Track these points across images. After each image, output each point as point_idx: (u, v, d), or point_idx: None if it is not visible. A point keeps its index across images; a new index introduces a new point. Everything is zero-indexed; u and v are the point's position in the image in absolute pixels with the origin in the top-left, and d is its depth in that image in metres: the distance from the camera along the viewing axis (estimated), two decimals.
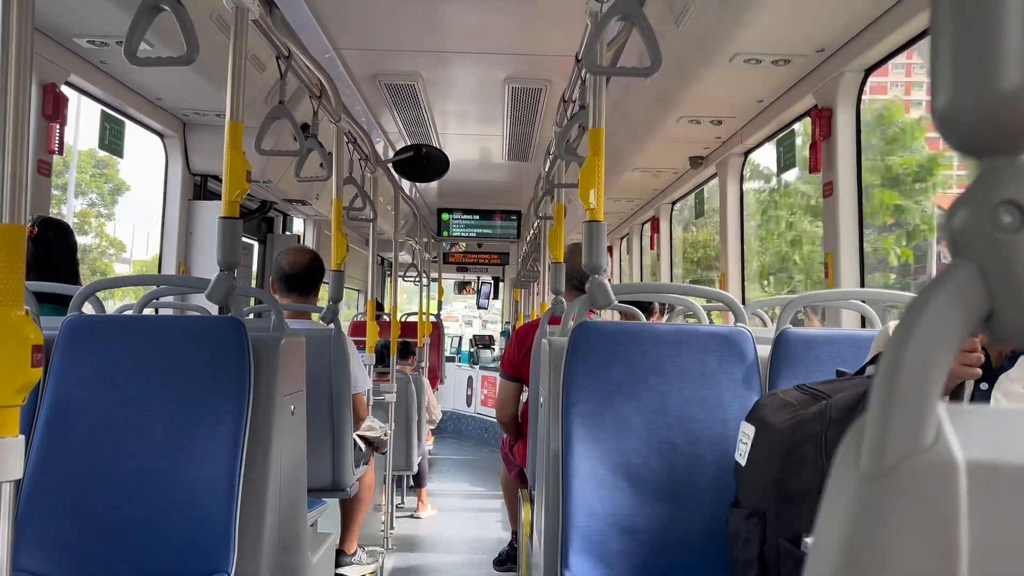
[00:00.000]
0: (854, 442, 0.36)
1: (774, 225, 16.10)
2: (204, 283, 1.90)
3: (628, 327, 1.97)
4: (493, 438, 8.45)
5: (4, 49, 1.05)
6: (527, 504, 3.01)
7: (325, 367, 2.80)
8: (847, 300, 2.41)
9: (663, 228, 5.91)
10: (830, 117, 2.86)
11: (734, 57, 2.84)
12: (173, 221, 4.01)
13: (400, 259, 6.16)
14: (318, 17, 3.30)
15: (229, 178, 1.84)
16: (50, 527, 1.72)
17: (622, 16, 1.77)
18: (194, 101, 3.62)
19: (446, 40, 3.61)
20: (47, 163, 2.80)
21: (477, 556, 4.39)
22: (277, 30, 2.22)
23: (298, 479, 2.09)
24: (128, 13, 2.49)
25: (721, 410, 1.79)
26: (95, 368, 1.83)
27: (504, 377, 3.31)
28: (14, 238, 1.04)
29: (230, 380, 1.77)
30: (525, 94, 4.33)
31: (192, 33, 1.65)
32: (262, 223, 5.43)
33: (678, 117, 3.74)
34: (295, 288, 3.04)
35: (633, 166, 4.94)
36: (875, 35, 2.53)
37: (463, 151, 5.77)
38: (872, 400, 0.35)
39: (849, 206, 2.84)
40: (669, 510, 1.73)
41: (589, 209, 1.88)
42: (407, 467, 4.90)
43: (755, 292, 14.67)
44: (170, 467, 1.74)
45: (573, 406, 1.79)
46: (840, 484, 0.36)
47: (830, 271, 2.90)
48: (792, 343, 1.89)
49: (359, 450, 3.21)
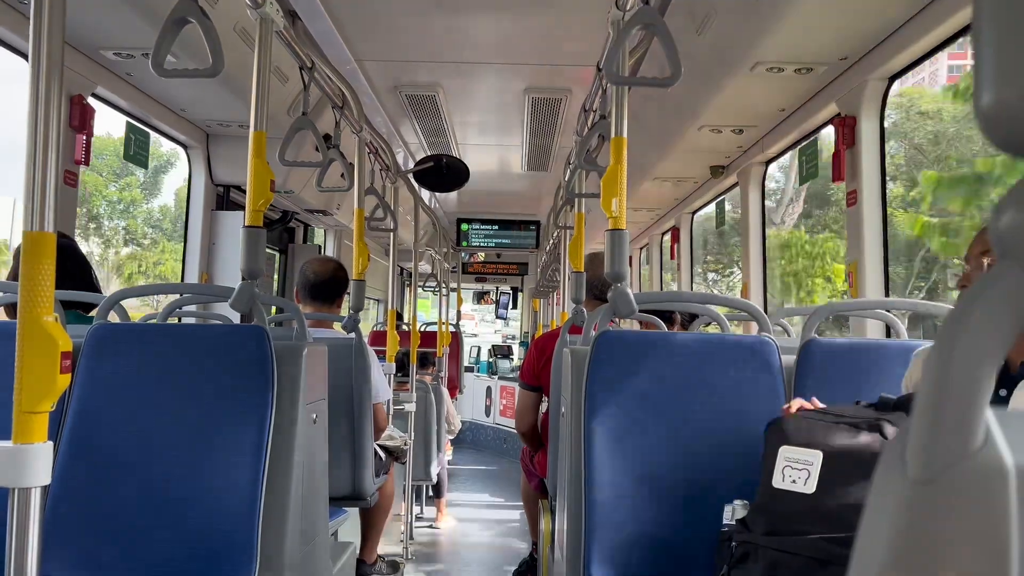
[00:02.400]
0: (898, 447, 0.35)
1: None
2: (228, 291, 1.92)
3: (651, 336, 1.96)
4: (512, 448, 8.43)
5: (35, 61, 1.06)
6: (547, 514, 2.99)
7: (346, 376, 2.81)
8: (873, 310, 2.38)
9: (683, 238, 5.89)
10: (854, 125, 2.84)
11: (756, 66, 2.83)
12: (196, 231, 4.05)
13: (419, 269, 6.19)
14: (340, 28, 3.32)
15: (253, 187, 1.85)
16: (74, 533, 1.73)
17: (643, 25, 1.77)
18: (217, 112, 3.66)
19: (466, 51, 3.62)
20: (73, 173, 2.84)
21: (496, 567, 4.37)
22: (300, 41, 2.24)
23: (320, 488, 2.10)
24: (154, 25, 2.53)
25: (746, 421, 1.77)
26: (120, 376, 1.84)
27: (523, 387, 3.30)
28: (43, 246, 1.05)
29: (253, 388, 1.78)
30: (545, 104, 4.33)
31: (218, 45, 1.67)
32: (284, 233, 5.47)
33: (699, 126, 3.73)
34: (319, 297, 3.06)
35: (653, 175, 4.93)
36: (899, 43, 2.51)
37: (482, 161, 5.78)
38: (919, 405, 0.34)
39: (874, 215, 2.81)
40: (693, 522, 1.71)
41: (612, 217, 1.88)
42: (426, 477, 4.90)
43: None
44: (194, 474, 1.75)
45: (595, 416, 1.78)
46: (886, 489, 0.35)
47: (854, 280, 2.87)
48: (818, 353, 1.87)
49: (379, 459, 3.21)
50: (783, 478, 1.34)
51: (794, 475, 1.33)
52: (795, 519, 1.30)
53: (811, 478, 1.31)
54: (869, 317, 2.72)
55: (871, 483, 1.13)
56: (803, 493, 1.30)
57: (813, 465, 1.32)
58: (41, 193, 1.06)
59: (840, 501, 1.26)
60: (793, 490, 1.32)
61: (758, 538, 1.34)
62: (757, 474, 1.69)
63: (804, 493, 1.30)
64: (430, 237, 6.75)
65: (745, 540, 1.37)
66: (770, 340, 1.88)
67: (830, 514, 1.26)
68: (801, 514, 1.29)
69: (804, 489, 1.30)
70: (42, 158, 1.06)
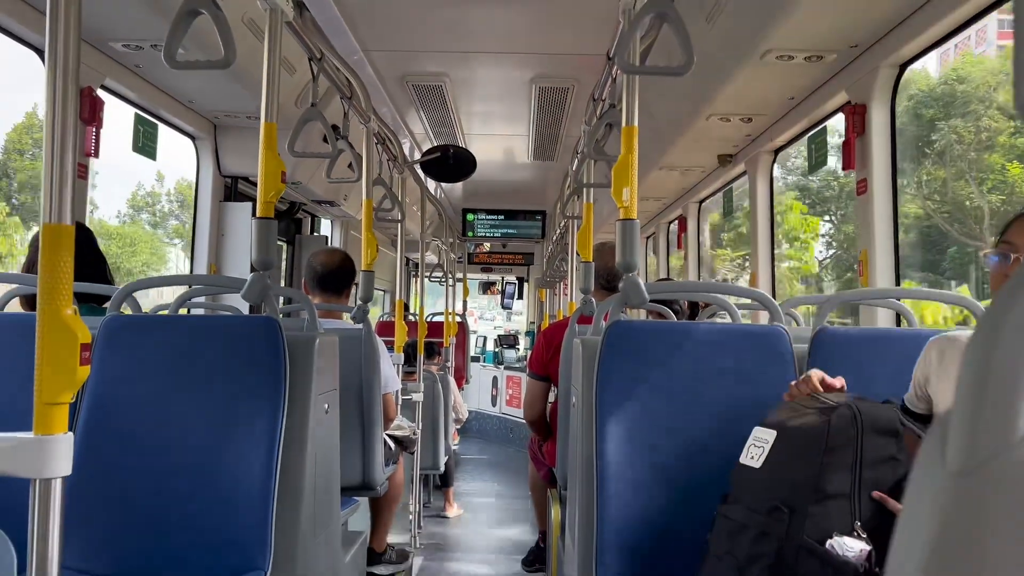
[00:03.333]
0: (938, 438, 0.35)
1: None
2: (239, 283, 1.92)
3: (663, 326, 1.96)
4: (518, 438, 8.45)
5: (52, 54, 1.06)
6: (556, 504, 3.00)
7: (356, 366, 2.82)
8: (885, 299, 2.38)
9: (691, 227, 5.87)
10: (864, 113, 2.82)
11: (766, 54, 2.81)
12: (204, 222, 4.05)
13: (426, 260, 6.19)
14: (348, 19, 3.32)
15: (264, 179, 1.85)
16: (90, 523, 1.75)
17: (655, 14, 1.76)
18: (225, 103, 3.66)
19: (473, 41, 3.61)
20: (84, 166, 2.85)
21: (505, 556, 4.39)
22: (308, 32, 2.23)
23: (331, 477, 2.11)
24: (162, 17, 2.54)
25: (758, 410, 1.76)
26: (134, 367, 1.85)
27: (532, 377, 3.31)
28: (61, 238, 1.06)
29: (266, 379, 1.78)
30: (552, 93, 4.32)
31: (229, 36, 1.66)
32: (291, 224, 5.48)
33: (708, 115, 3.72)
34: (328, 288, 3.07)
35: (660, 164, 4.91)
36: (911, 30, 2.49)
37: (488, 151, 5.77)
38: (959, 396, 0.34)
39: (884, 203, 2.80)
40: (706, 511, 1.71)
41: (622, 207, 1.87)
42: (434, 466, 4.92)
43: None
44: (207, 465, 1.76)
45: (607, 406, 1.78)
46: (925, 480, 0.35)
47: (865, 269, 2.86)
48: (830, 341, 1.87)
49: (389, 449, 3.22)
50: (747, 455, 1.44)
51: (754, 452, 1.43)
52: (743, 487, 1.43)
53: (762, 455, 1.41)
54: (881, 306, 2.72)
55: (809, 462, 1.15)
56: (752, 467, 1.41)
57: (768, 443, 1.41)
58: (59, 186, 1.06)
59: (774, 475, 1.36)
60: (748, 464, 1.42)
61: (719, 507, 1.48)
62: None
63: (753, 467, 1.41)
64: (436, 227, 6.75)
65: (716, 511, 1.50)
66: (782, 329, 1.88)
67: (761, 485, 1.38)
68: (748, 483, 1.41)
69: (755, 464, 1.41)
70: (60, 151, 1.06)
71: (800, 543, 1.27)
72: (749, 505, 1.38)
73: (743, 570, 1.32)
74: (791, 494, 1.32)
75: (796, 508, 1.30)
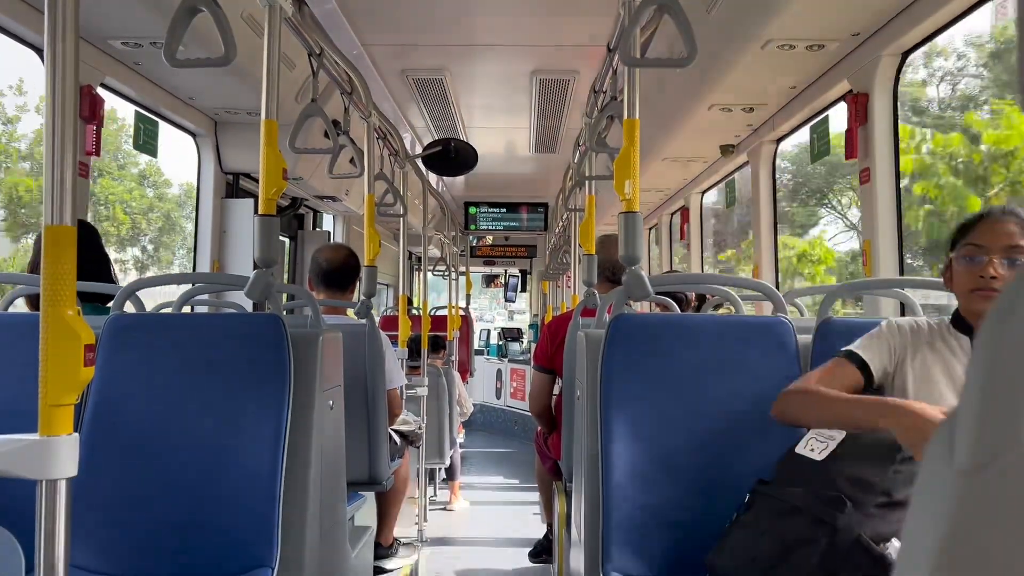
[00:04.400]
0: (945, 436, 0.35)
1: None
2: (242, 280, 1.92)
3: (667, 318, 1.96)
4: (523, 430, 8.46)
5: (51, 53, 1.06)
6: (562, 496, 3.01)
7: (360, 362, 2.82)
8: (890, 289, 2.37)
9: (693, 218, 5.86)
10: (866, 102, 2.81)
11: (767, 43, 2.80)
12: (207, 219, 4.05)
13: (428, 254, 6.18)
14: (347, 14, 3.31)
15: (266, 176, 1.85)
16: (96, 523, 1.75)
17: (656, 5, 1.75)
18: (225, 99, 3.65)
19: (473, 33, 3.60)
20: (85, 164, 2.85)
21: (511, 548, 4.40)
22: (308, 27, 2.23)
23: (337, 473, 2.11)
24: (161, 15, 2.53)
25: (762, 401, 1.76)
26: (138, 366, 1.85)
27: (537, 369, 3.31)
28: (64, 239, 1.05)
29: (271, 376, 1.79)
30: (552, 85, 4.31)
31: (229, 34, 1.66)
32: (293, 220, 5.48)
33: (709, 105, 3.70)
34: (332, 284, 3.07)
35: (663, 155, 4.90)
36: (912, 17, 2.48)
37: (490, 144, 5.76)
38: (966, 392, 0.34)
39: (887, 192, 2.79)
40: (710, 502, 1.72)
41: (625, 200, 1.87)
42: (440, 460, 4.93)
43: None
44: (213, 463, 1.76)
45: (611, 399, 1.78)
46: (932, 479, 0.35)
47: (868, 259, 2.85)
48: (834, 332, 1.86)
49: (394, 444, 3.23)
50: (805, 446, 1.44)
51: (815, 445, 1.43)
52: (796, 476, 1.42)
53: (826, 450, 1.40)
54: (885, 296, 2.71)
55: (880, 468, 1.15)
56: (812, 459, 1.41)
57: (834, 440, 1.40)
58: (60, 187, 1.06)
59: (838, 469, 1.36)
60: (806, 456, 1.42)
61: (759, 487, 1.47)
62: (774, 454, 1.70)
63: (813, 459, 1.41)
64: (438, 221, 6.75)
65: (753, 490, 1.49)
66: (786, 320, 1.87)
67: (821, 474, 1.37)
68: (801, 472, 1.41)
69: (815, 456, 1.41)
70: (60, 152, 1.06)
71: (857, 538, 1.27)
72: (806, 491, 1.38)
73: (790, 549, 1.33)
74: (856, 491, 1.32)
75: (860, 505, 1.31)
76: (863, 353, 1.63)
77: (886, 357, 1.63)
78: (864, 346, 1.65)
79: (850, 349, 1.65)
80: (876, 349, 1.63)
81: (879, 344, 1.64)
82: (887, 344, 1.64)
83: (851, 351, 1.64)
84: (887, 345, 1.64)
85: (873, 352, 1.63)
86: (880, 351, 1.63)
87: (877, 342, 1.65)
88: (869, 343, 1.65)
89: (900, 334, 1.64)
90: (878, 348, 1.64)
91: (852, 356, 1.63)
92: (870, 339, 1.66)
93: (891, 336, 1.64)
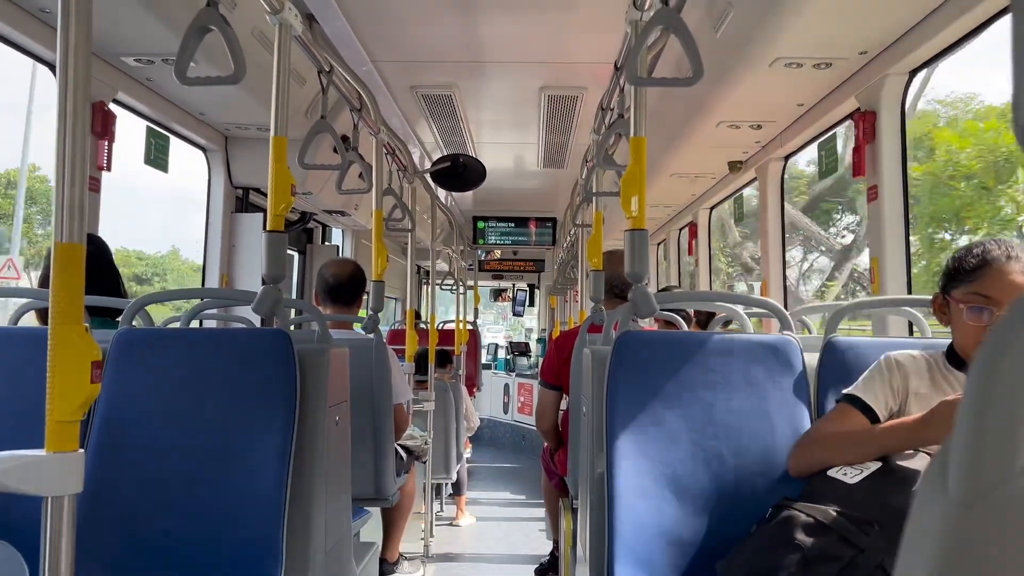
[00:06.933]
0: (939, 467, 0.35)
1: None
2: (250, 295, 1.93)
3: (673, 336, 1.95)
4: (530, 445, 8.43)
5: (63, 70, 1.07)
6: (568, 513, 2.99)
7: (367, 377, 2.82)
8: (898, 307, 2.36)
9: (701, 233, 5.86)
10: (874, 120, 2.81)
11: (774, 61, 2.81)
12: (216, 234, 4.08)
13: (436, 268, 6.20)
14: (356, 30, 3.34)
15: (274, 192, 1.86)
16: (102, 539, 1.75)
17: (663, 26, 1.76)
18: (236, 115, 3.68)
19: (482, 50, 3.62)
20: (96, 180, 2.88)
21: (517, 564, 4.38)
22: (318, 44, 2.25)
23: (343, 489, 2.11)
24: (173, 31, 2.56)
25: (769, 420, 1.76)
26: (146, 380, 1.86)
27: (544, 386, 3.31)
28: (73, 257, 1.06)
29: (277, 391, 1.79)
30: (561, 102, 4.33)
31: (239, 52, 1.68)
32: (302, 234, 5.50)
33: (717, 122, 3.71)
34: (339, 299, 3.08)
35: (670, 171, 4.91)
36: (920, 37, 2.48)
37: (498, 159, 5.78)
38: (961, 423, 0.34)
39: (895, 210, 2.78)
40: (716, 521, 1.71)
41: (631, 217, 1.87)
42: (446, 475, 4.92)
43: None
44: (220, 478, 1.77)
45: (617, 416, 1.78)
46: (927, 509, 0.35)
47: (876, 277, 2.85)
48: (840, 351, 1.86)
49: (400, 459, 3.22)
50: (839, 470, 1.47)
51: (850, 471, 1.46)
52: (825, 494, 1.44)
53: (861, 476, 1.43)
54: (893, 315, 2.70)
55: (910, 497, 1.15)
56: (845, 482, 1.43)
57: (870, 469, 1.44)
58: (70, 204, 1.06)
59: (869, 493, 1.38)
60: (839, 479, 1.45)
61: (785, 503, 1.48)
62: (780, 473, 1.69)
63: (846, 482, 1.43)
64: (446, 235, 6.77)
65: (777, 505, 1.50)
66: (792, 339, 1.87)
67: (853, 496, 1.40)
68: (831, 492, 1.43)
69: (848, 480, 1.44)
70: (70, 170, 1.07)
71: (881, 563, 1.28)
72: (836, 511, 1.40)
73: (810, 564, 1.34)
74: (887, 517, 1.33)
75: (889, 531, 1.31)
76: (865, 397, 1.63)
77: (890, 397, 1.62)
78: (865, 388, 1.64)
79: (853, 394, 1.65)
80: (879, 391, 1.63)
81: (880, 385, 1.63)
82: (888, 383, 1.63)
83: (854, 396, 1.64)
84: (888, 385, 1.63)
85: (876, 394, 1.62)
86: (883, 391, 1.62)
87: (879, 383, 1.64)
88: (870, 385, 1.64)
89: (900, 371, 1.63)
90: (880, 389, 1.63)
91: (855, 401, 1.63)
92: (871, 380, 1.65)
93: (891, 374, 1.63)
